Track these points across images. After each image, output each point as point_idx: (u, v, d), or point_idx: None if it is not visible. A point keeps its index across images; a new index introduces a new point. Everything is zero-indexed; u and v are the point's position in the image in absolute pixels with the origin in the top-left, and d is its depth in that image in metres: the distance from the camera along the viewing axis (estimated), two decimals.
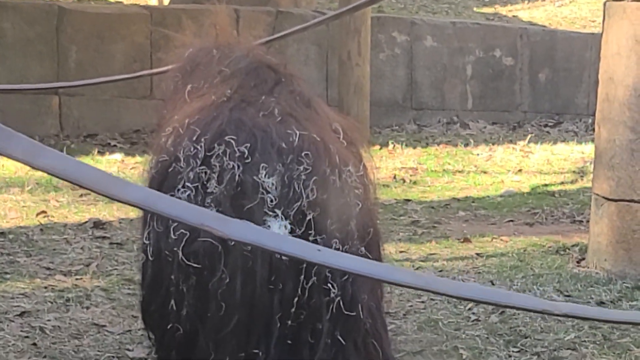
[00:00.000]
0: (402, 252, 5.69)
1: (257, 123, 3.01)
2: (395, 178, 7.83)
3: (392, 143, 8.99)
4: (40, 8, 8.86)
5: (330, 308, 2.91)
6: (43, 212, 6.19)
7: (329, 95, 9.63)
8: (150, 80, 8.77)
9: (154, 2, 12.18)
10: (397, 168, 8.19)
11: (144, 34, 9.08)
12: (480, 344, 4.20)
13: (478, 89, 10.57)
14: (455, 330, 4.37)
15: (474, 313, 4.56)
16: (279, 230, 2.89)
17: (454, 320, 4.48)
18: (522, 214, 6.79)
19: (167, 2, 11.54)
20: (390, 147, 8.88)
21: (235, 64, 3.30)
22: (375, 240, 3.18)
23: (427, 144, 9.23)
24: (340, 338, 2.95)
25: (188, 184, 2.95)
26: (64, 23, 8.85)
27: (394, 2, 12.27)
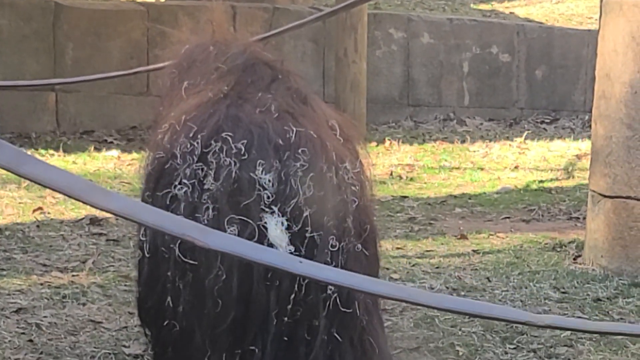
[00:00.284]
0: (398, 248, 5.69)
1: (253, 120, 3.00)
2: (392, 175, 7.83)
3: (388, 140, 8.99)
4: (37, 4, 8.84)
5: (327, 305, 2.91)
6: (39, 208, 6.18)
7: (326, 92, 9.63)
8: (147, 77, 8.76)
9: None
10: (393, 165, 8.19)
11: (141, 31, 9.07)
12: (477, 341, 4.20)
13: (475, 86, 10.57)
14: (452, 327, 4.37)
15: None
16: (276, 227, 2.88)
17: (450, 317, 4.48)
18: (518, 211, 6.79)
19: None
20: (387, 143, 8.88)
21: (232, 61, 3.29)
22: (372, 237, 3.18)
23: (423, 141, 9.23)
24: (337, 335, 2.95)
25: (185, 181, 2.95)
26: (61, 19, 8.84)
27: None
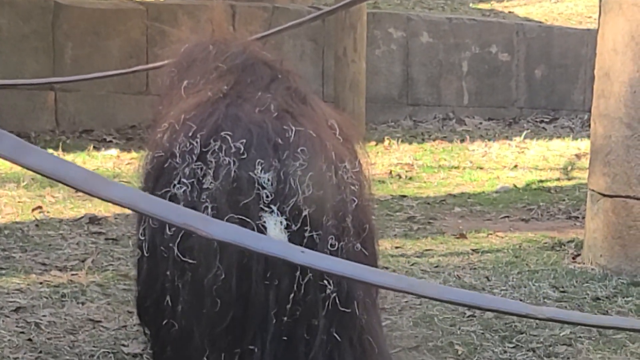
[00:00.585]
0: (397, 247, 5.69)
1: (253, 119, 3.00)
2: (391, 174, 7.83)
3: (387, 139, 8.99)
4: (36, 4, 8.84)
5: (326, 304, 2.90)
6: (38, 207, 6.18)
7: (325, 92, 9.63)
8: (146, 76, 8.76)
9: None
10: (392, 164, 8.19)
11: (140, 30, 9.07)
12: (476, 340, 4.20)
13: (474, 85, 10.57)
14: (451, 326, 4.37)
15: (470, 309, 4.56)
16: (275, 226, 2.87)
17: (450, 316, 4.48)
18: (517, 210, 6.79)
19: None
20: (386, 143, 8.88)
21: (232, 60, 3.29)
22: (371, 237, 3.18)
23: (422, 140, 9.23)
24: (336, 334, 2.94)
25: (184, 180, 2.94)
26: (60, 19, 8.84)
27: None
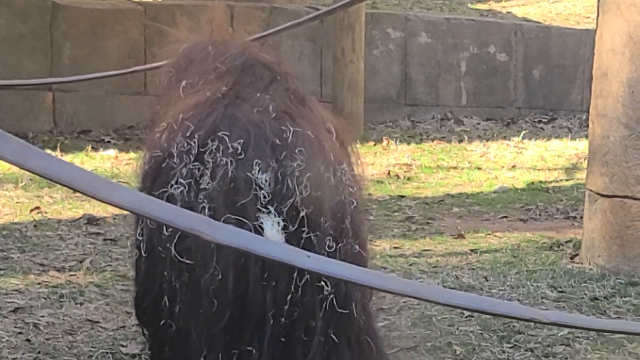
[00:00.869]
0: (396, 247, 5.69)
1: (251, 119, 2.99)
2: (390, 174, 7.83)
3: (386, 139, 8.99)
4: (34, 4, 8.83)
5: (324, 306, 2.90)
6: (37, 208, 6.17)
7: (323, 92, 9.63)
8: (145, 76, 8.76)
9: None
10: (391, 164, 8.19)
11: (138, 30, 9.07)
12: (474, 340, 4.20)
13: (472, 85, 10.57)
14: (449, 326, 4.37)
15: None
16: (272, 227, 2.87)
17: (448, 316, 4.48)
18: (516, 210, 6.79)
19: None
20: (385, 143, 8.88)
21: (231, 61, 3.28)
22: (365, 239, 3.18)
23: (421, 140, 9.23)
24: (334, 336, 2.94)
25: (181, 180, 2.94)
26: (58, 19, 8.83)
27: None
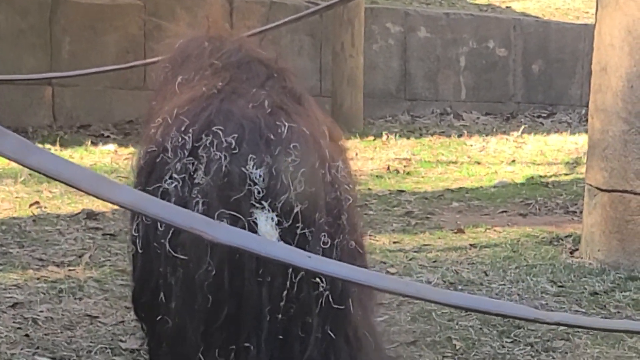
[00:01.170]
0: (395, 242, 5.69)
1: (246, 114, 2.98)
2: (389, 169, 7.83)
3: (385, 134, 8.99)
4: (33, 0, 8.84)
5: (320, 302, 2.89)
6: (36, 203, 6.17)
7: (323, 87, 9.63)
8: (144, 71, 8.75)
9: None
10: (390, 159, 8.19)
11: (137, 25, 9.06)
12: (474, 335, 4.20)
13: (471, 80, 10.57)
14: (449, 321, 4.36)
15: None
16: (266, 223, 2.85)
17: (447, 311, 4.47)
18: (515, 205, 6.79)
19: None
20: (384, 138, 8.88)
21: (227, 58, 3.27)
22: (361, 235, 3.18)
23: (420, 135, 9.23)
24: (331, 332, 2.93)
25: (175, 175, 2.92)
26: (57, 14, 8.83)
27: None
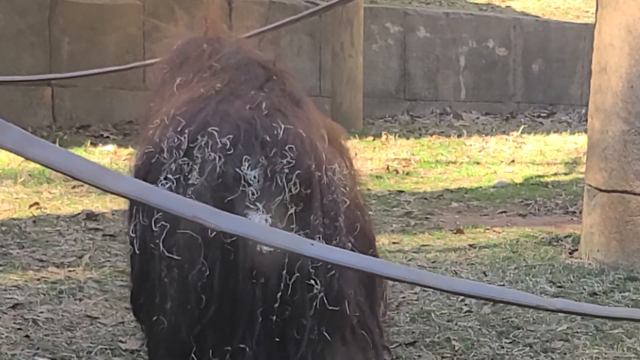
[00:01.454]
0: (394, 243, 5.69)
1: (242, 115, 2.98)
2: (388, 169, 7.83)
3: (385, 134, 8.99)
4: None
5: (314, 304, 2.89)
6: (36, 204, 6.17)
7: (322, 87, 9.63)
8: (143, 72, 8.74)
9: None
10: (390, 159, 8.19)
11: (137, 25, 9.06)
12: (473, 335, 4.20)
13: (471, 80, 10.57)
14: (448, 322, 4.37)
15: (467, 304, 4.56)
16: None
17: (447, 312, 4.48)
18: (515, 205, 6.79)
19: None
20: (383, 138, 8.88)
21: (226, 60, 3.27)
22: (363, 237, 3.17)
23: (420, 135, 9.23)
24: (326, 334, 2.93)
25: (170, 176, 2.93)
26: (56, 14, 8.83)
27: None
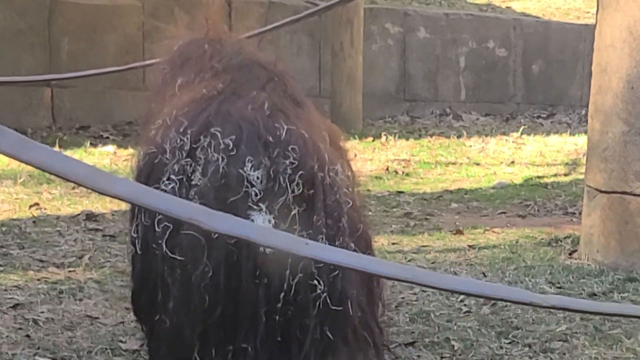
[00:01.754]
0: (394, 244, 5.70)
1: (244, 116, 2.98)
2: (388, 170, 7.83)
3: (384, 135, 8.99)
4: None
5: (317, 304, 2.90)
6: (36, 204, 6.17)
7: (322, 87, 9.62)
8: (143, 72, 8.73)
9: None
10: (389, 160, 8.19)
11: (136, 25, 9.06)
12: (472, 336, 4.20)
13: (471, 81, 10.57)
14: (447, 322, 4.37)
15: (466, 305, 4.56)
16: (263, 225, 2.86)
17: (446, 312, 4.48)
18: (514, 206, 6.80)
19: None
20: (383, 138, 8.88)
21: (227, 60, 3.28)
22: (364, 238, 3.18)
23: (419, 136, 9.23)
24: (329, 334, 2.94)
25: (172, 176, 2.93)
26: (56, 14, 8.83)
27: None
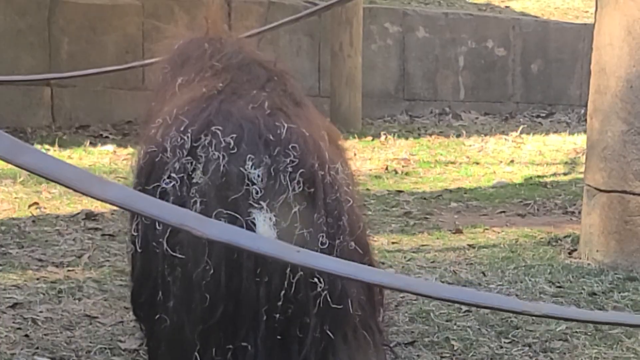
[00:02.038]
0: (394, 243, 5.69)
1: (245, 114, 2.99)
2: (387, 169, 7.83)
3: (384, 134, 8.99)
4: None
5: (318, 302, 2.90)
6: (35, 203, 6.17)
7: (321, 87, 9.63)
8: (142, 72, 8.75)
9: None
10: (389, 159, 8.19)
11: (136, 25, 9.06)
12: (472, 335, 4.20)
13: (470, 80, 10.57)
14: (447, 322, 4.37)
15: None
16: (264, 223, 2.86)
17: (446, 312, 4.48)
18: (514, 205, 6.80)
19: None
20: (383, 138, 8.88)
21: (227, 60, 3.28)
22: (364, 236, 3.18)
23: (419, 135, 9.23)
24: (329, 332, 2.94)
25: (173, 175, 2.93)
26: (56, 14, 8.83)
27: None
